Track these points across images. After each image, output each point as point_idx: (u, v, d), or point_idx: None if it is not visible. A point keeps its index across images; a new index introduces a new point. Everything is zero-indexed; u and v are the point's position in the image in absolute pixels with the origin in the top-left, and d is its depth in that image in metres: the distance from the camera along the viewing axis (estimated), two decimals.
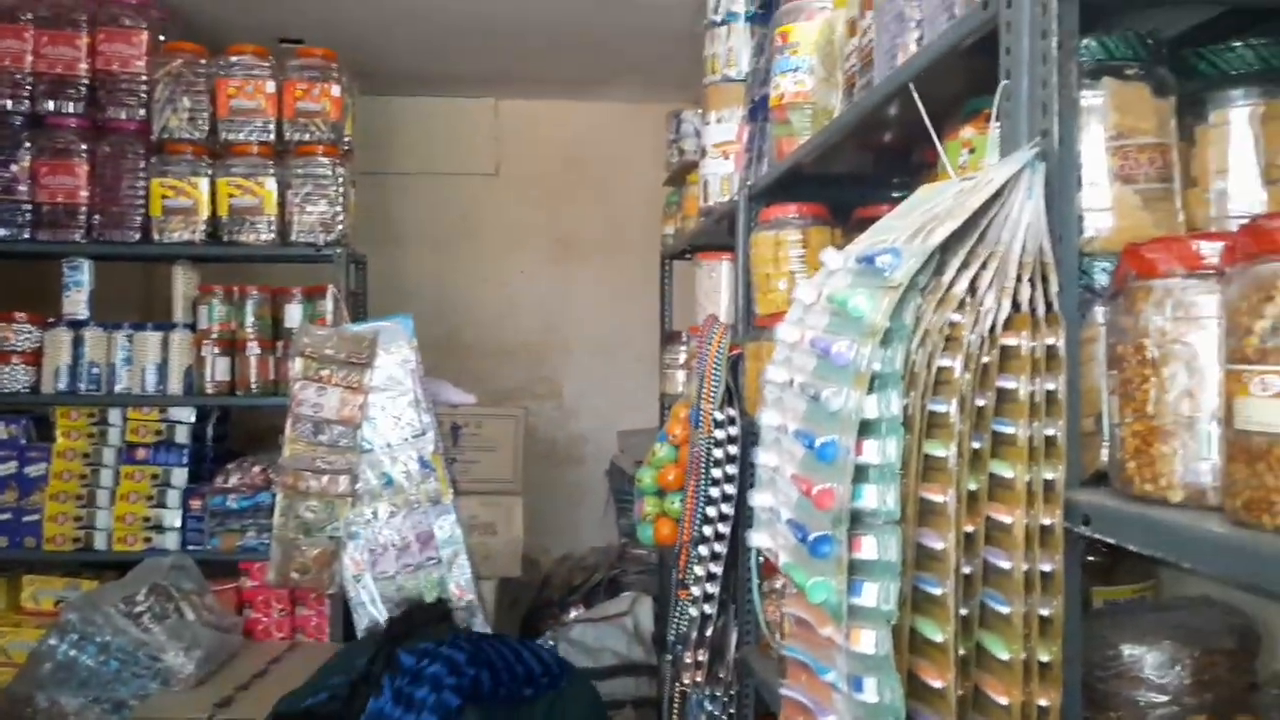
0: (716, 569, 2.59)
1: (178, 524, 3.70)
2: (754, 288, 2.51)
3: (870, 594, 1.09)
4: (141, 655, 3.20)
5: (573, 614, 4.57)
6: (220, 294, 3.72)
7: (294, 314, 3.75)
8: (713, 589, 2.60)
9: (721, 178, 3.00)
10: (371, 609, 3.57)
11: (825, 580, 1.12)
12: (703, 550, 2.62)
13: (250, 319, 3.74)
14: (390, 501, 3.67)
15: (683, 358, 3.76)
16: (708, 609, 2.61)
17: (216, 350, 3.71)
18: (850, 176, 2.41)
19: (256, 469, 3.78)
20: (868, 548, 1.10)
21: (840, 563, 1.11)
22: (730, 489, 2.53)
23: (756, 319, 2.52)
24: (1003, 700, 1.10)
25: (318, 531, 3.61)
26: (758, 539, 1.31)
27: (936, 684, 1.10)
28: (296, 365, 3.58)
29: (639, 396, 4.90)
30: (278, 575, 3.61)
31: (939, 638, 1.10)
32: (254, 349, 3.73)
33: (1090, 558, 1.55)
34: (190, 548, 3.69)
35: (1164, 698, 1.19)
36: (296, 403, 3.58)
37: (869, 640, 1.08)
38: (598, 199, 5.18)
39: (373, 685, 1.98)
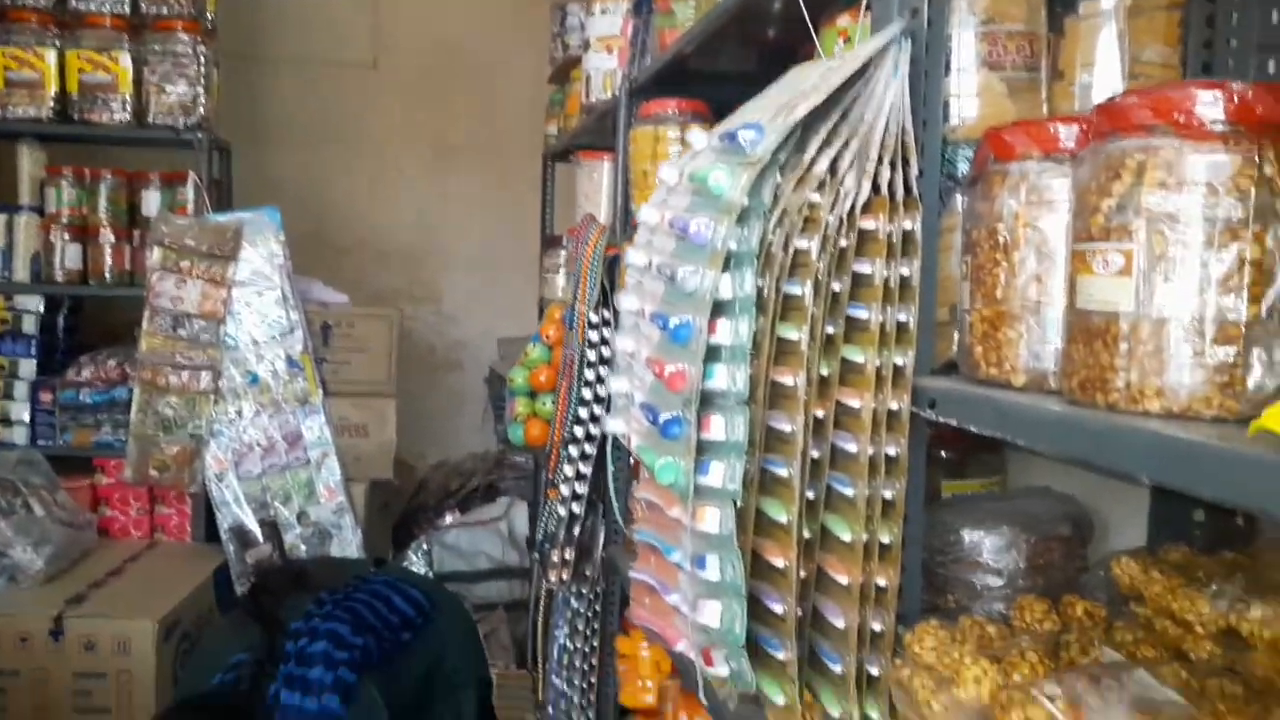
0: (586, 469, 2.58)
1: (26, 417, 3.52)
2: (632, 185, 2.46)
3: (717, 473, 1.08)
4: None
5: (448, 519, 4.53)
6: (70, 176, 3.50)
7: (151, 201, 3.55)
8: (581, 489, 2.60)
9: (604, 73, 2.92)
10: (235, 509, 3.49)
11: (674, 461, 1.11)
12: (573, 451, 2.61)
13: (104, 204, 3.53)
14: (256, 400, 3.56)
15: (562, 261, 3.70)
16: (576, 509, 2.61)
17: (66, 236, 3.50)
18: (735, 76, 2.37)
19: (111, 362, 3.61)
20: (716, 428, 1.09)
21: (689, 443, 1.09)
22: (603, 390, 2.51)
23: (634, 218, 2.47)
24: (843, 579, 1.11)
25: (178, 429, 3.48)
26: (614, 425, 1.29)
27: (779, 563, 1.11)
28: (154, 255, 3.41)
29: (520, 303, 4.83)
30: (135, 473, 3.49)
31: (783, 519, 1.10)
32: (108, 236, 3.53)
33: (943, 453, 1.58)
34: (40, 442, 3.52)
35: (999, 581, 1.22)
36: (154, 294, 3.42)
37: (713, 519, 1.08)
38: (480, 97, 5.01)
39: (272, 663, 1.91)
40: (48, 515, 3.24)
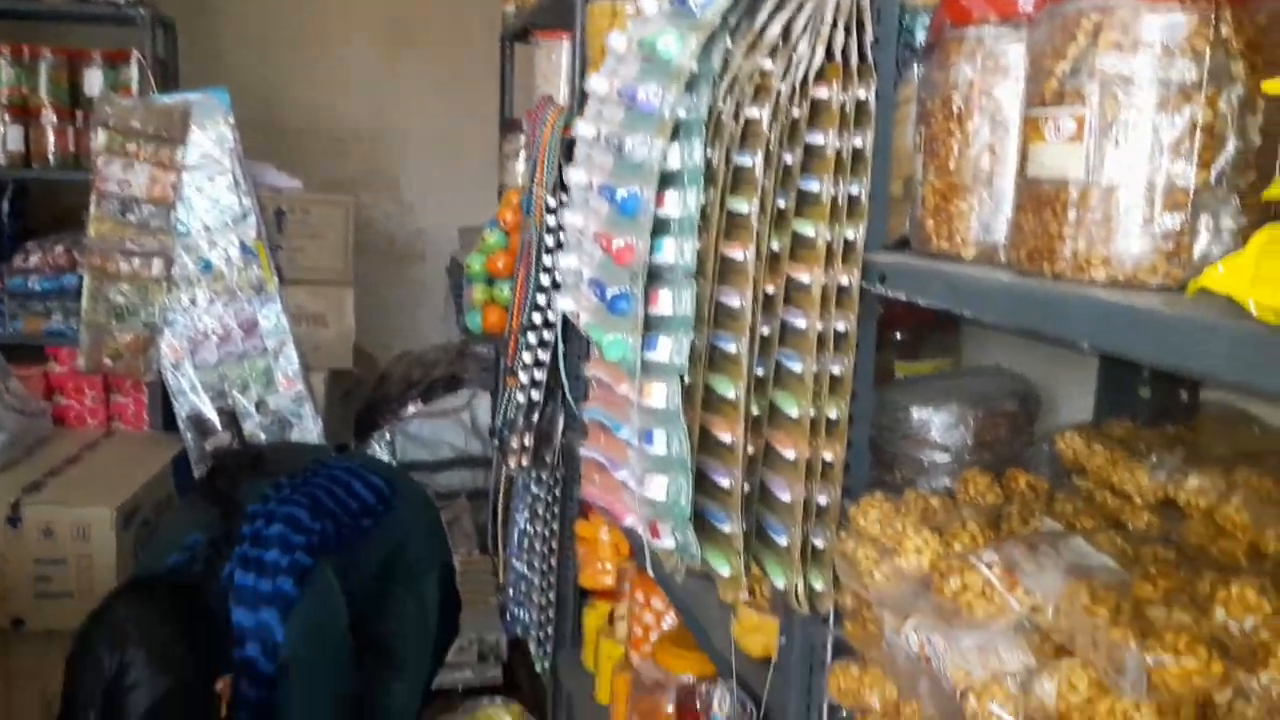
0: (545, 356, 2.57)
1: None
2: (590, 64, 2.39)
3: (664, 348, 1.07)
4: None
5: (411, 409, 4.53)
6: (8, 54, 3.36)
7: (94, 81, 3.42)
8: (540, 376, 2.59)
9: None
10: (192, 397, 3.46)
11: (621, 337, 1.09)
12: (531, 338, 2.59)
13: (45, 84, 3.40)
14: (210, 288, 3.50)
15: (522, 146, 3.62)
16: (535, 395, 2.61)
17: (7, 118, 3.37)
18: None
19: (59, 248, 3.52)
20: (663, 302, 1.07)
21: (636, 319, 1.08)
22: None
23: None
24: (790, 454, 1.11)
25: (131, 317, 3.42)
26: (564, 303, 1.27)
27: (726, 438, 1.11)
28: (99, 138, 3.30)
29: (481, 191, 4.73)
30: (89, 361, 3.44)
31: (731, 394, 1.10)
32: (50, 117, 3.41)
33: (896, 335, 1.58)
34: None
35: (946, 457, 1.23)
36: (101, 179, 3.32)
37: (660, 394, 1.07)
38: None
39: (229, 543, 1.89)
40: (0, 404, 3.19)
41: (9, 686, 2.97)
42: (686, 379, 1.08)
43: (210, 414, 3.47)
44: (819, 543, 1.13)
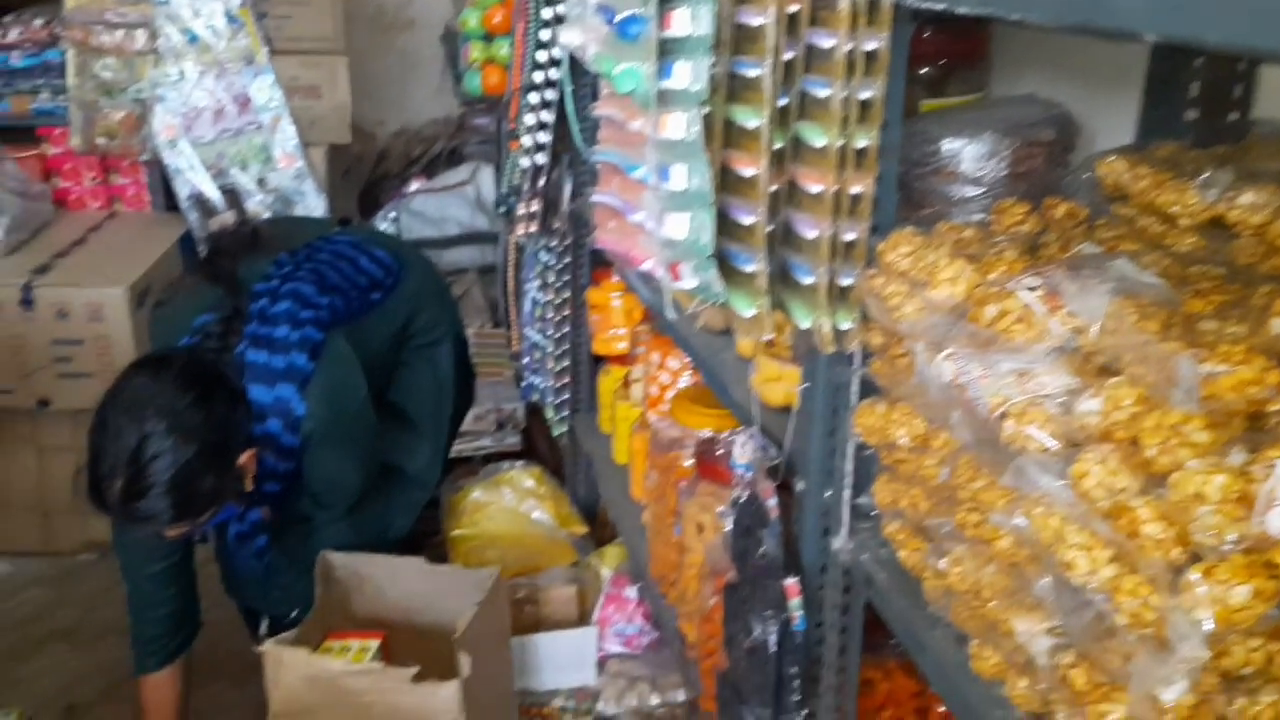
0: (548, 117, 2.47)
1: None
2: None
3: (681, 74, 1.00)
4: None
5: (413, 186, 4.44)
6: None
7: None
8: (544, 138, 2.50)
9: None
10: (191, 176, 3.37)
11: (633, 66, 1.02)
12: (533, 98, 2.49)
13: None
14: (198, 60, 3.35)
15: None
16: (540, 159, 2.53)
17: None
18: None
19: (38, 22, 3.35)
20: (679, 22, 0.99)
21: (649, 43, 1.00)
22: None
23: None
24: (815, 188, 1.06)
25: (119, 93, 3.30)
26: (567, 37, 1.18)
27: (748, 172, 1.05)
28: None
29: None
30: (82, 140, 3.34)
31: (753, 124, 1.03)
32: None
33: (922, 70, 1.49)
34: None
35: (978, 190, 1.18)
36: None
37: (678, 125, 1.00)
38: None
39: (240, 320, 1.84)
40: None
41: (41, 463, 3.06)
42: (706, 106, 1.01)
43: (212, 193, 3.39)
44: (845, 281, 1.09)
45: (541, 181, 2.53)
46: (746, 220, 1.06)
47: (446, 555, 2.56)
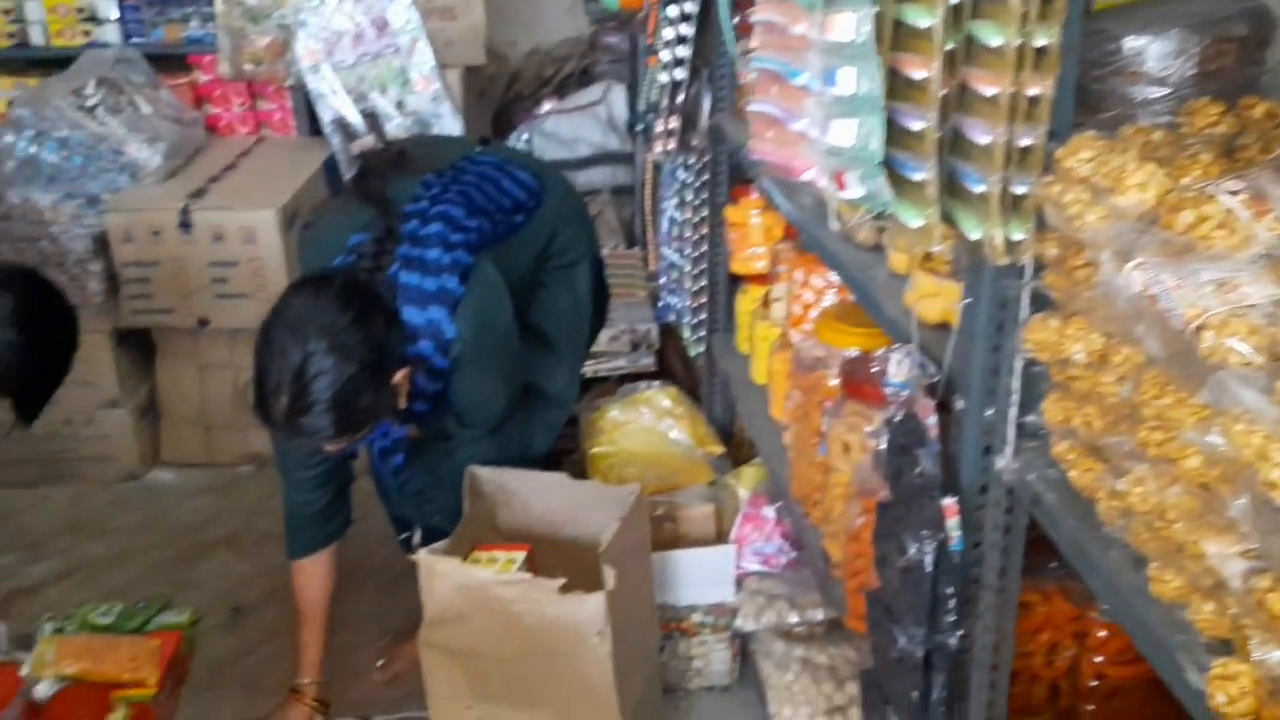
0: (687, 30, 2.43)
1: (114, 14, 3.44)
2: None
3: None
4: (104, 149, 3.11)
5: (545, 107, 4.44)
6: None
7: None
8: (683, 53, 2.46)
9: None
10: (334, 100, 3.44)
11: None
12: (672, 11, 2.44)
13: None
14: None
15: None
16: (678, 74, 2.49)
17: None
18: None
19: None
20: None
21: None
22: None
23: None
24: (990, 90, 1.01)
25: (264, 19, 3.38)
26: None
27: (918, 75, 1.00)
28: None
29: None
30: (231, 66, 3.44)
31: (925, 23, 0.98)
32: None
33: None
34: (133, 40, 3.46)
35: (1164, 91, 1.10)
36: None
37: (846, 26, 0.96)
38: None
39: (393, 240, 1.88)
40: (155, 113, 3.25)
41: (203, 379, 3.22)
42: (876, 6, 0.96)
43: (353, 117, 3.46)
44: (1019, 189, 1.04)
45: (680, 97, 2.50)
46: (915, 126, 1.02)
47: (585, 472, 2.61)
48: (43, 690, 2.18)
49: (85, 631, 2.44)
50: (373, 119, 3.48)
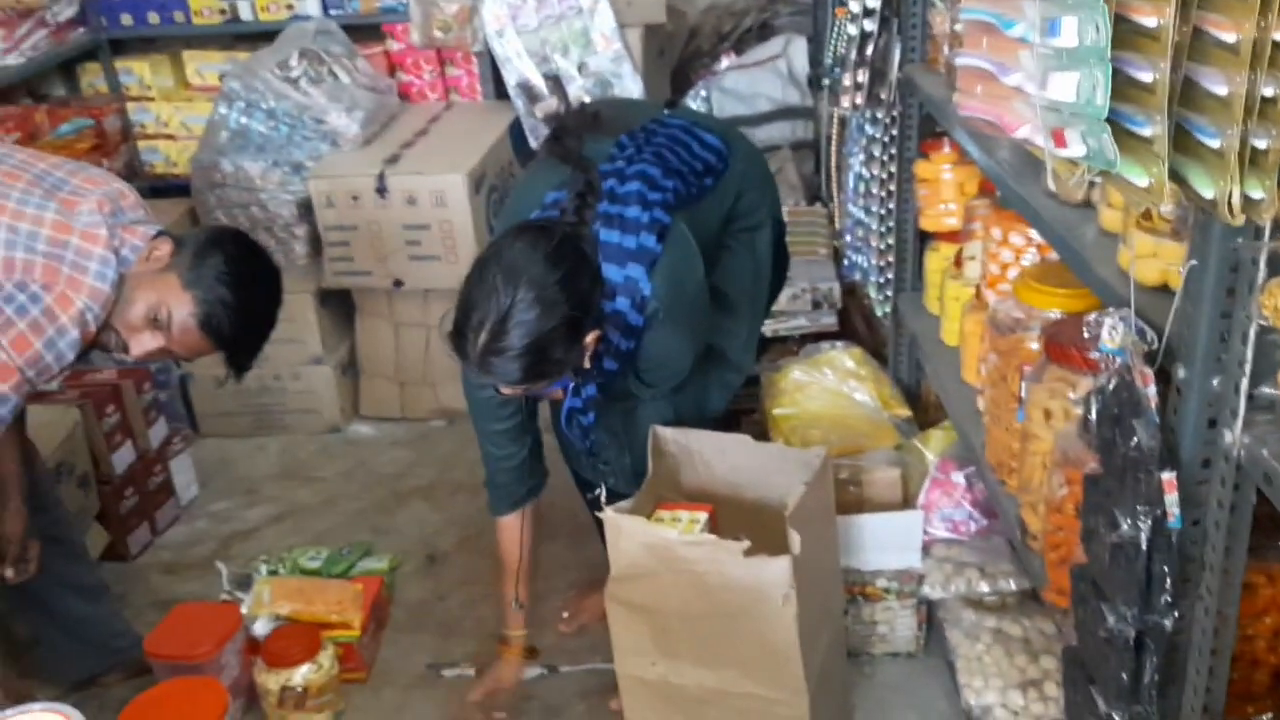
0: None
1: None
2: None
3: None
4: (307, 119, 3.27)
5: (724, 62, 4.39)
6: None
7: None
8: (873, 3, 2.38)
9: None
10: (518, 64, 3.51)
11: None
12: None
13: None
14: None
15: None
16: (868, 25, 2.41)
17: None
18: None
19: None
20: None
21: None
22: None
23: None
24: (1229, 37, 0.93)
25: None
26: None
27: (1150, 23, 0.93)
28: None
29: None
30: (421, 35, 3.55)
31: None
32: None
33: None
34: (331, 12, 3.60)
35: None
36: None
37: None
38: None
39: (594, 196, 1.90)
40: (353, 82, 3.39)
41: (398, 337, 3.36)
42: None
43: (537, 80, 3.52)
44: (1260, 143, 0.96)
45: (869, 49, 2.42)
46: (1144, 77, 0.95)
47: (766, 433, 2.60)
48: (260, 627, 2.35)
49: (296, 574, 2.62)
50: (555, 81, 3.53)
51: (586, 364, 1.89)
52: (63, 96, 3.82)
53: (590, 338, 1.83)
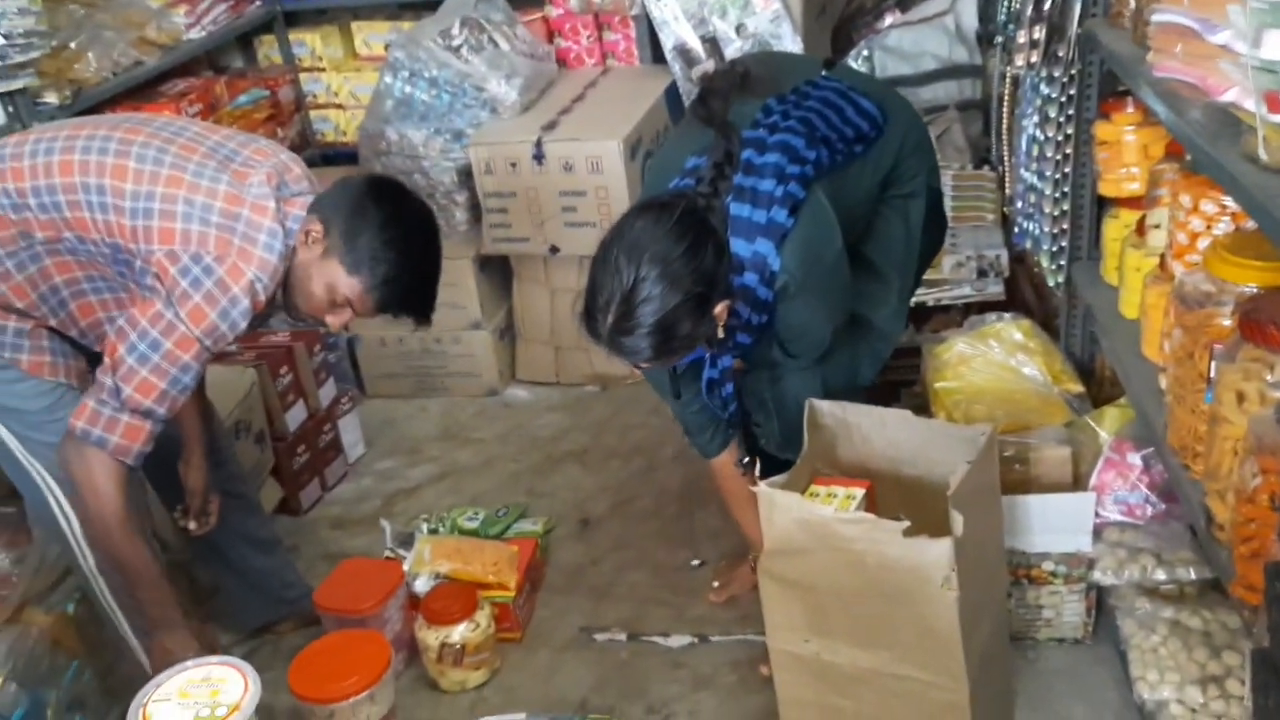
0: None
1: None
2: None
3: None
4: (468, 87, 3.33)
5: (887, 20, 4.23)
6: None
7: None
8: None
9: None
10: (675, 27, 3.47)
11: None
12: None
13: None
14: None
15: None
16: None
17: None
18: None
19: None
20: None
21: None
22: None
23: None
24: None
25: None
26: None
27: None
28: None
29: None
30: (580, 0, 3.55)
31: None
32: None
33: None
34: None
35: None
36: None
37: None
38: None
39: (731, 167, 1.87)
40: (512, 49, 3.42)
41: (553, 303, 3.41)
42: None
43: (694, 43, 3.47)
44: None
45: (1046, 4, 2.28)
46: None
47: (927, 406, 2.51)
48: (421, 585, 2.43)
49: (455, 534, 2.69)
50: (713, 44, 3.48)
51: (720, 335, 1.86)
52: (240, 68, 3.99)
53: (720, 308, 1.80)
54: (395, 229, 1.86)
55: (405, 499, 3.01)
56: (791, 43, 3.46)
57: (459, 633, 2.25)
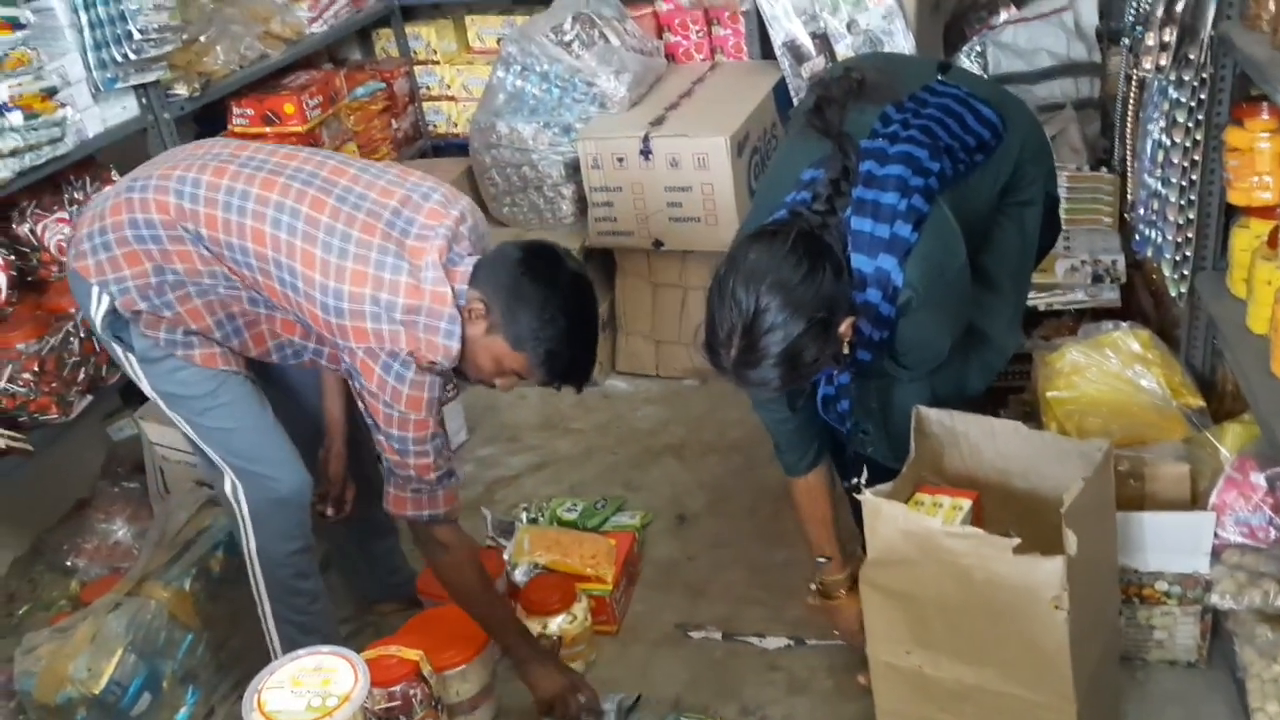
0: None
1: None
2: None
3: None
4: (578, 81, 3.35)
5: (1003, 15, 4.13)
6: None
7: None
8: None
9: None
10: (786, 23, 3.44)
11: None
12: None
13: None
14: None
15: None
16: None
17: None
18: None
19: None
20: None
21: None
22: None
23: None
24: None
25: None
26: None
27: None
28: None
29: None
30: None
31: None
32: None
33: None
34: None
35: None
36: None
37: None
38: None
39: (849, 182, 1.83)
40: (622, 45, 3.44)
41: (655, 296, 3.42)
42: None
43: (803, 39, 3.44)
44: None
45: (1179, 5, 2.19)
46: None
47: (1037, 415, 2.46)
48: (520, 574, 2.47)
49: (554, 525, 2.73)
50: (823, 40, 3.44)
51: (845, 351, 1.83)
52: (358, 61, 4.09)
53: (845, 325, 1.76)
54: (554, 306, 1.91)
55: (505, 487, 3.05)
56: (904, 39, 3.40)
57: (557, 624, 2.28)
